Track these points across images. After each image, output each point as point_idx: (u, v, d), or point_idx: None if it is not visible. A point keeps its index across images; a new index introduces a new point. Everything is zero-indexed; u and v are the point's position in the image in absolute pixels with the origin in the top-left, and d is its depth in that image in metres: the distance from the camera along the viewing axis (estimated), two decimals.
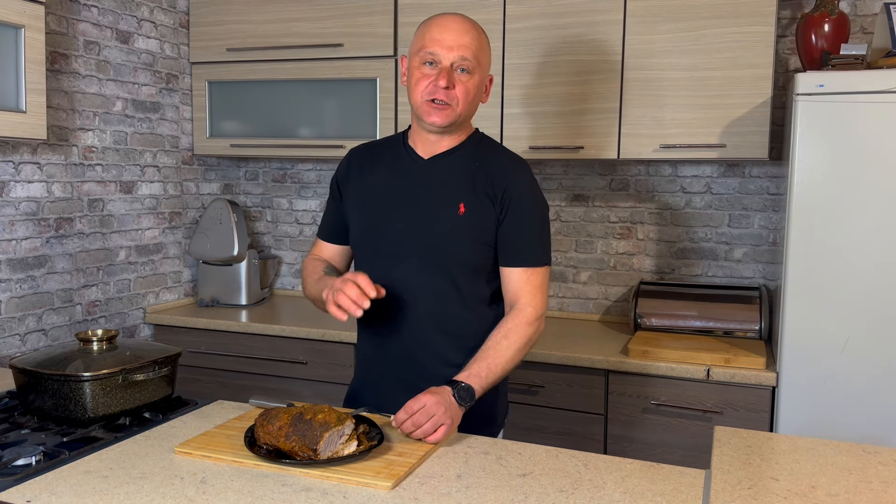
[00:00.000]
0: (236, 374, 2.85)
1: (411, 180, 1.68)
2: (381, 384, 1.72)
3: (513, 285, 1.65)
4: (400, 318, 1.67)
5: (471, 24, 1.62)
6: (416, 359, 1.67)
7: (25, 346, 2.49)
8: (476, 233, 1.62)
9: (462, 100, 1.60)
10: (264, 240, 3.48)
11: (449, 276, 1.64)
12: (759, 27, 2.36)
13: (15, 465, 1.34)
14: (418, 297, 1.65)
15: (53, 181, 2.55)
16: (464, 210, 1.62)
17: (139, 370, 1.58)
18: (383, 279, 1.62)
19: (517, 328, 1.61)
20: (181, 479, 1.29)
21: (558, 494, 1.26)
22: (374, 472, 1.31)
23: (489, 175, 1.65)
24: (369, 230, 1.70)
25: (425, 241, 1.63)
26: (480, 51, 1.61)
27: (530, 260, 1.64)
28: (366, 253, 1.72)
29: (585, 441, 2.40)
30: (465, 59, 1.58)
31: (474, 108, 1.67)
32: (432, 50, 1.58)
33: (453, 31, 1.58)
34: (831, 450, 1.45)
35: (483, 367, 1.56)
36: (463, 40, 1.58)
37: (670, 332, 2.59)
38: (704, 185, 2.81)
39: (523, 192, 1.66)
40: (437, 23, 1.61)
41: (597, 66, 2.53)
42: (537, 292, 1.64)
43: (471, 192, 1.63)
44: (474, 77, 1.61)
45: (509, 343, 1.59)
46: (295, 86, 2.94)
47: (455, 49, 1.57)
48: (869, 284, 2.05)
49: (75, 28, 2.61)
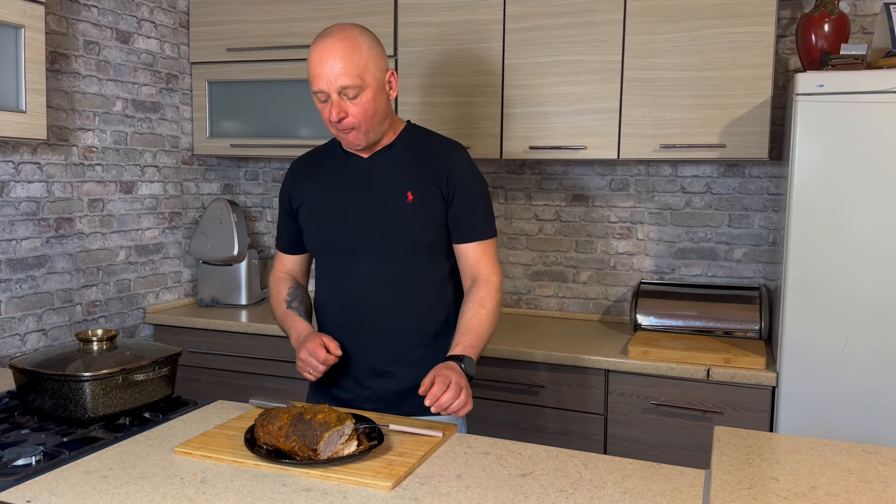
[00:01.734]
0: (236, 374, 2.85)
1: (357, 178, 1.76)
2: (350, 372, 1.78)
3: (471, 259, 1.75)
4: (366, 307, 1.75)
5: (342, 43, 1.61)
6: (385, 344, 1.75)
7: (25, 346, 2.49)
8: (427, 215, 1.71)
9: (362, 118, 1.64)
10: (264, 240, 3.48)
11: (408, 259, 1.72)
12: (759, 27, 2.36)
13: (15, 465, 1.34)
14: (382, 284, 1.73)
15: (53, 181, 2.55)
16: (412, 198, 1.71)
17: (139, 370, 1.58)
18: (345, 273, 1.76)
19: (489, 296, 1.71)
20: (181, 479, 1.29)
21: (558, 494, 1.26)
22: (374, 472, 1.31)
23: (430, 162, 1.73)
24: (324, 231, 1.78)
25: (381, 229, 1.71)
26: (360, 66, 1.61)
27: (483, 233, 1.75)
28: (324, 253, 1.81)
29: (585, 441, 2.40)
30: (347, 87, 1.60)
31: (383, 112, 1.70)
32: (318, 87, 1.62)
33: (326, 61, 1.60)
34: (831, 450, 1.45)
35: (473, 338, 1.65)
36: (337, 68, 1.59)
37: (670, 332, 2.59)
38: (704, 185, 2.81)
39: (465, 173, 1.75)
40: (314, 56, 1.62)
41: (597, 66, 2.53)
42: (494, 262, 1.76)
43: (415, 181, 1.72)
44: (365, 93, 1.62)
45: (487, 311, 1.69)
46: (295, 86, 2.94)
47: (334, 80, 1.60)
48: (869, 285, 2.05)
49: (75, 28, 2.61)
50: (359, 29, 1.66)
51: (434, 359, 1.72)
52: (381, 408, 1.74)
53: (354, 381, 1.78)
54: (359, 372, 1.77)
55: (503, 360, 2.45)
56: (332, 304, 1.80)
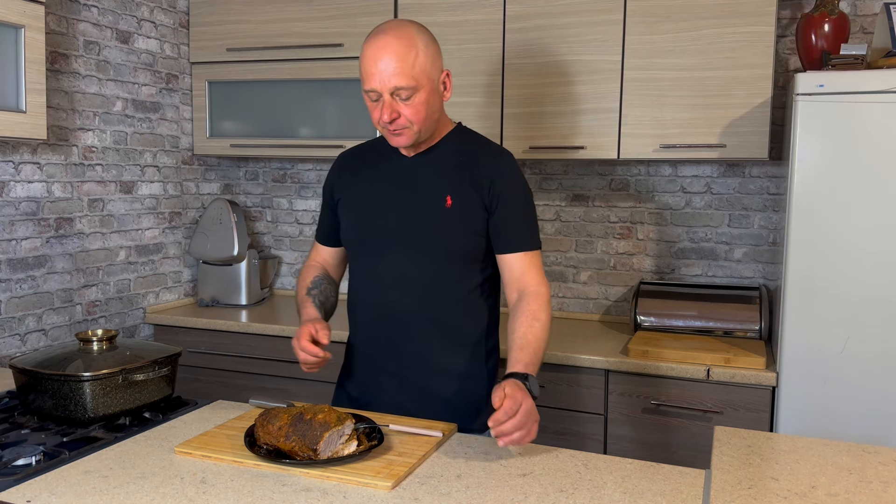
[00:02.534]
0: (236, 374, 2.85)
1: (398, 178, 1.72)
2: (368, 373, 1.76)
3: (517, 271, 1.67)
4: (391, 309, 1.71)
5: (398, 42, 1.55)
6: (407, 349, 1.71)
7: (25, 346, 2.49)
8: (465, 222, 1.66)
9: (415, 119, 1.59)
10: (264, 240, 3.48)
11: (439, 266, 1.68)
12: (759, 27, 2.36)
13: (15, 465, 1.34)
14: (409, 289, 1.69)
15: (53, 181, 2.55)
16: (451, 202, 1.66)
17: (139, 370, 1.58)
18: (374, 272, 1.72)
19: (542, 309, 1.63)
20: (181, 479, 1.29)
21: (558, 494, 1.26)
22: (374, 472, 1.31)
23: (474, 168, 1.68)
24: (358, 228, 1.75)
25: (414, 232, 1.67)
26: (417, 67, 1.56)
27: (528, 244, 1.68)
28: (356, 250, 1.78)
29: (585, 441, 2.40)
30: (401, 88, 1.55)
31: (436, 114, 1.65)
32: (370, 87, 1.56)
33: (380, 60, 1.54)
34: (831, 450, 1.45)
35: (531, 354, 1.56)
36: (392, 68, 1.53)
37: (670, 332, 2.59)
38: (704, 185, 2.81)
39: (510, 181, 1.68)
40: (368, 53, 1.56)
41: (597, 66, 2.53)
42: (541, 274, 1.69)
43: (456, 186, 1.67)
44: (419, 94, 1.57)
45: (542, 324, 1.61)
46: (295, 86, 2.94)
47: (388, 80, 1.54)
48: (869, 284, 2.05)
49: (75, 28, 2.61)
50: (416, 26, 1.60)
51: (458, 370, 1.69)
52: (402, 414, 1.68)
53: (377, 384, 1.74)
54: (382, 376, 1.74)
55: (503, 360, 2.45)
56: (360, 303, 1.77)
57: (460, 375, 1.71)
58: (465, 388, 1.72)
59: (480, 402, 1.72)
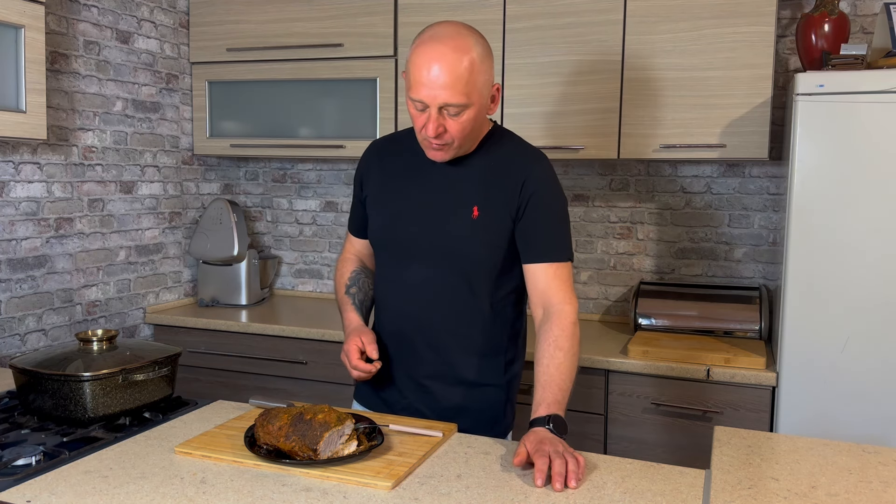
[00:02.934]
0: (236, 374, 2.85)
1: (428, 181, 1.65)
2: (387, 380, 1.73)
3: (540, 283, 1.59)
4: (412, 317, 1.68)
5: (455, 55, 1.45)
6: (427, 358, 1.68)
7: (25, 346, 2.48)
8: (490, 235, 1.60)
9: (458, 136, 1.52)
10: (264, 240, 3.48)
11: (462, 278, 1.63)
12: (759, 27, 2.36)
13: (15, 465, 1.34)
14: (431, 299, 1.66)
15: (53, 181, 2.55)
16: (477, 213, 1.60)
17: (139, 370, 1.58)
18: (397, 279, 1.69)
19: (564, 334, 1.53)
20: (181, 479, 1.29)
21: (558, 494, 1.26)
22: (374, 472, 1.31)
23: (507, 171, 1.60)
24: (385, 231, 1.70)
25: (439, 244, 1.62)
26: (469, 83, 1.47)
27: (555, 255, 1.59)
28: (381, 253, 1.74)
29: (585, 441, 2.40)
30: (451, 105, 1.47)
31: (478, 129, 1.58)
32: (418, 97, 1.48)
33: (436, 71, 1.45)
34: (831, 450, 1.45)
35: (555, 391, 1.48)
36: (443, 82, 1.44)
37: (670, 332, 2.59)
38: (704, 185, 2.81)
39: (542, 185, 1.60)
40: (419, 60, 1.47)
41: (597, 66, 2.53)
42: (567, 288, 1.59)
43: (485, 195, 1.60)
44: (467, 111, 1.50)
45: (565, 353, 1.52)
46: (295, 86, 2.94)
47: (440, 95, 1.46)
48: (869, 284, 2.05)
49: (75, 28, 2.61)
50: (474, 36, 1.50)
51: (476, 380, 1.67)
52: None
53: (396, 390, 1.72)
54: (401, 381, 1.72)
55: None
56: (384, 305, 1.74)
57: (478, 385, 1.69)
58: (482, 398, 1.69)
59: (498, 412, 1.71)
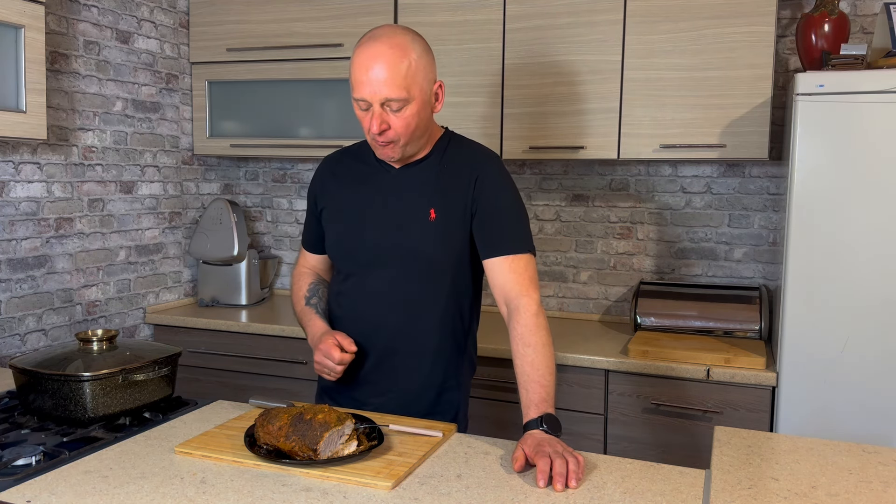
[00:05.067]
0: (236, 374, 2.85)
1: (382, 191, 1.68)
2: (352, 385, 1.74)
3: (499, 278, 1.60)
4: (376, 325, 1.69)
5: (392, 52, 1.49)
6: (391, 363, 1.70)
7: (25, 346, 2.48)
8: (449, 235, 1.63)
9: (403, 132, 1.55)
10: (264, 240, 3.48)
11: (424, 281, 1.65)
12: (759, 27, 2.36)
13: (15, 465, 1.34)
14: (394, 305, 1.67)
15: (53, 181, 2.55)
16: (434, 216, 1.62)
17: (139, 370, 1.58)
18: (358, 287, 1.69)
19: (527, 329, 1.54)
20: (181, 479, 1.29)
21: (558, 494, 1.26)
22: (374, 472, 1.31)
23: (459, 172, 1.64)
24: (343, 241, 1.72)
25: (398, 249, 1.64)
26: (408, 78, 1.50)
27: (509, 247, 1.59)
28: (341, 263, 1.75)
29: (585, 441, 2.40)
30: (391, 100, 1.50)
31: (425, 127, 1.61)
32: (360, 95, 1.51)
33: (371, 69, 1.48)
34: (831, 450, 1.45)
35: (538, 390, 1.48)
36: (382, 78, 1.48)
37: (670, 332, 2.59)
38: (704, 185, 2.81)
39: (494, 180, 1.63)
40: (358, 60, 1.51)
41: (597, 66, 2.53)
42: (525, 280, 1.58)
43: (441, 197, 1.63)
44: (409, 106, 1.52)
45: (534, 348, 1.52)
46: (295, 86, 2.94)
47: (378, 90, 1.49)
48: (869, 284, 2.05)
49: (75, 28, 2.61)
50: (410, 35, 1.54)
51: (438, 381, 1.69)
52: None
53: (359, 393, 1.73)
54: (363, 386, 1.73)
55: (503, 359, 2.45)
56: (344, 315, 1.74)
57: (439, 386, 1.70)
58: (443, 399, 1.72)
59: (458, 412, 1.73)
